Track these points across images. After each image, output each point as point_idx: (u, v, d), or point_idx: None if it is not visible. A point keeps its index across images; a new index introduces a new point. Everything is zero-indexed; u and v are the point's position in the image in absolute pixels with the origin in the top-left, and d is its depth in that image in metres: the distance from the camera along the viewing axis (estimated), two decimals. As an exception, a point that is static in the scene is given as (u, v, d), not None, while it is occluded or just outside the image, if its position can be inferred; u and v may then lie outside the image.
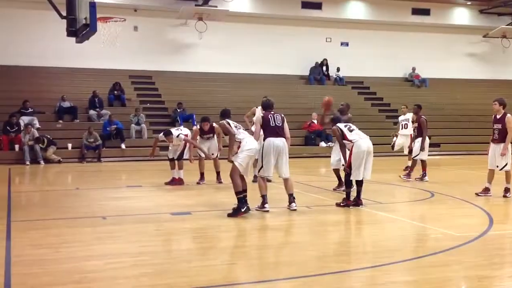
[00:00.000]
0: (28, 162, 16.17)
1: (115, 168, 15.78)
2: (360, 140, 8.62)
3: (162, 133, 11.38)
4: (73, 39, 11.23)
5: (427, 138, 12.10)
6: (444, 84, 25.16)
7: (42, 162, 16.39)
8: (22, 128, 17.00)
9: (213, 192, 10.68)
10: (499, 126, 9.57)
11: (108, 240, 6.69)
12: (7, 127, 16.96)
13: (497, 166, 9.61)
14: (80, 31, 10.75)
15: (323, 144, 19.70)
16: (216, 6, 22.11)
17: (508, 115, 9.55)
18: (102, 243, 6.55)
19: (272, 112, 8.51)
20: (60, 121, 18.45)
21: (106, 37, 18.88)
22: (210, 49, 22.91)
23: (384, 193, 10.71)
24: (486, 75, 26.33)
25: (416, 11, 25.27)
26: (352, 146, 8.57)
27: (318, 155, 18.77)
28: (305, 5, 23.99)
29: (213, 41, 22.73)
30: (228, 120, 8.38)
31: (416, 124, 12.48)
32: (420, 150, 11.97)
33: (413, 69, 25.58)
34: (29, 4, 19.78)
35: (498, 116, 9.64)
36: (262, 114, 8.51)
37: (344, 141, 8.79)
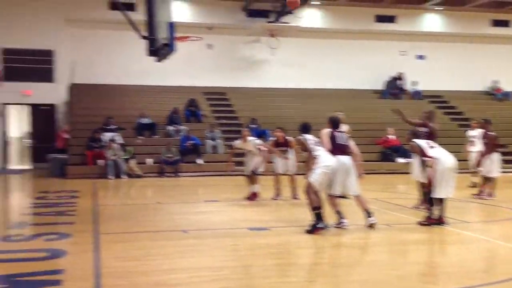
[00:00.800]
0: (111, 177, 16.88)
1: (192, 183, 16.17)
2: (444, 157, 8.40)
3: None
4: (153, 58, 11.71)
5: (494, 154, 11.76)
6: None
7: (124, 176, 17.06)
8: (104, 144, 17.79)
9: (290, 208, 10.72)
10: None
11: (190, 253, 6.86)
12: (91, 143, 17.81)
13: None
14: (159, 50, 11.18)
15: (400, 160, 19.25)
16: (288, 23, 22.28)
17: None
18: (184, 256, 6.73)
19: (339, 130, 8.50)
20: (140, 137, 19.16)
21: (183, 55, 19.53)
22: (282, 64, 23.10)
23: (468, 211, 10.36)
24: None
25: (495, 23, 24.37)
26: (435, 162, 8.34)
27: (395, 171, 18.37)
28: (379, 19, 23.72)
29: (285, 56, 22.90)
30: (307, 135, 8.39)
31: (485, 140, 12.00)
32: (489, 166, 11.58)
33: (495, 82, 24.60)
34: (112, 25, 20.78)
35: None
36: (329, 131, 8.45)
37: (424, 158, 8.59)
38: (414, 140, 8.83)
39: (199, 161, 18.29)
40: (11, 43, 20.39)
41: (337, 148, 8.25)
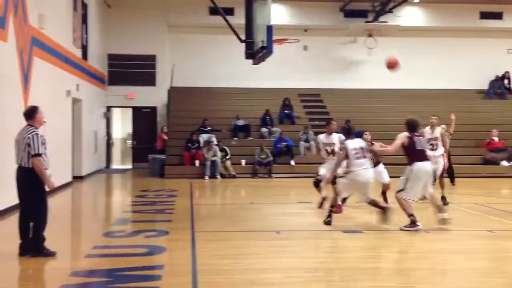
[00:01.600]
0: (207, 177, 17.32)
1: (285, 184, 16.20)
2: None
3: None
4: (249, 61, 11.85)
5: None
6: None
7: (219, 176, 17.44)
8: (201, 145, 18.29)
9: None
10: None
11: (283, 254, 6.86)
12: (189, 144, 18.38)
13: None
14: (257, 53, 11.30)
15: (505, 163, 18.13)
16: (386, 22, 21.74)
17: None
18: (278, 256, 6.74)
19: (417, 134, 8.26)
20: (235, 138, 19.51)
21: (278, 57, 19.67)
22: (380, 65, 22.42)
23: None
24: None
25: None
26: None
27: (499, 175, 17.34)
28: (484, 15, 22.52)
29: (383, 57, 22.19)
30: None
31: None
32: None
33: None
34: (210, 30, 21.39)
35: None
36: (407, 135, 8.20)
37: None
38: None
39: (292, 162, 18.30)
40: (116, 50, 21.55)
41: (418, 154, 8.08)
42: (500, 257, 6.90)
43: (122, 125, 23.78)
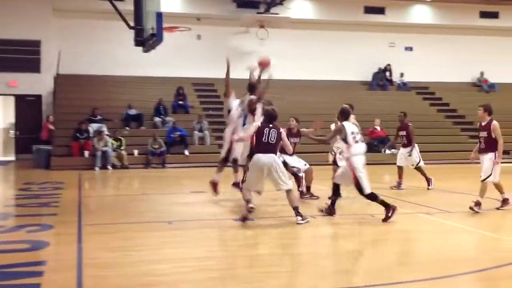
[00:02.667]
0: (97, 168, 16.75)
1: (179, 174, 16.09)
2: None
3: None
4: (140, 48, 11.60)
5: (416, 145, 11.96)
6: (514, 89, 24.14)
7: (110, 167, 16.94)
8: (91, 135, 17.63)
9: (275, 200, 10.64)
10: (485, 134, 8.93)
11: (174, 244, 6.81)
12: (77, 134, 17.65)
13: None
14: (147, 40, 11.08)
15: (386, 151, 19.28)
16: (277, 14, 22.20)
17: (494, 122, 8.89)
18: (169, 247, 6.68)
19: (271, 126, 7.99)
20: (127, 128, 19.02)
21: (171, 46, 19.39)
22: (272, 56, 22.75)
23: (452, 202, 10.39)
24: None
25: (484, 14, 24.44)
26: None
27: (382, 162, 18.41)
28: (368, 10, 23.73)
29: (274, 48, 22.79)
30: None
31: (404, 132, 12.01)
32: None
33: (481, 73, 24.71)
34: (98, 15, 20.58)
35: (483, 124, 9.03)
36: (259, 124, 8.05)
37: None
38: None
39: (186, 152, 18.21)
40: (-3, 34, 20.14)
41: (258, 146, 7.96)
42: (378, 240, 7.33)
43: (3, 114, 22.30)
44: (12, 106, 21.11)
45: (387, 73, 24.30)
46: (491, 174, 8.83)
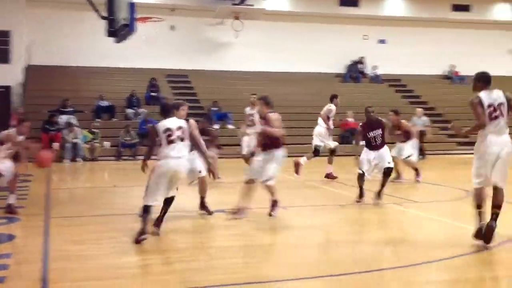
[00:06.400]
0: (67, 160, 16.52)
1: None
2: None
3: None
4: (112, 39, 11.45)
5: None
6: (484, 82, 24.53)
7: (80, 160, 16.74)
8: (61, 127, 17.37)
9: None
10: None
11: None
12: (46, 126, 17.37)
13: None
14: (119, 31, 10.94)
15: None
16: (252, 5, 22.15)
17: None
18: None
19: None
20: (98, 120, 18.79)
21: (145, 36, 19.19)
22: (247, 47, 22.98)
23: (419, 192, 10.55)
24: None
25: (456, 7, 24.76)
26: None
27: (354, 153, 18.55)
28: (342, 3, 23.82)
29: (249, 39, 22.80)
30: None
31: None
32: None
33: (452, 66, 25.05)
34: (70, 5, 20.25)
35: None
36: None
37: None
38: None
39: (159, 144, 18.06)
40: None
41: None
42: (349, 230, 7.40)
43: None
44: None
45: (361, 66, 24.46)
46: None
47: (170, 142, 6.58)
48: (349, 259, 5.79)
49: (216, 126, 19.53)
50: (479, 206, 6.10)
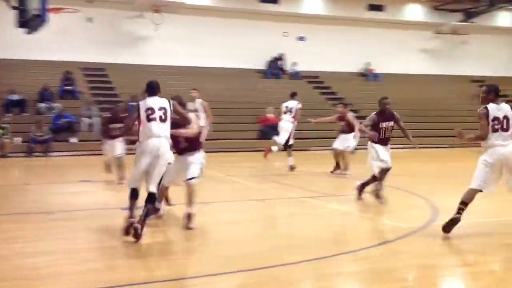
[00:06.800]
0: (-25, 157, 15.63)
1: (64, 162, 15.42)
2: None
3: None
4: (23, 30, 10.99)
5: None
6: (398, 79, 25.60)
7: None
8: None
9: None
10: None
11: (56, 235, 6.57)
12: (-48, 121, 16.34)
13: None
14: (30, 22, 10.51)
15: (277, 138, 19.73)
16: (172, -2, 21.90)
17: None
18: (50, 239, 6.44)
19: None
20: (8, 115, 17.86)
21: (59, 28, 18.45)
22: (167, 42, 22.67)
23: (336, 186, 10.88)
24: (438, 70, 26.91)
25: (371, 7, 25.62)
26: None
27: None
28: (262, -1, 24.03)
29: (170, 33, 22.50)
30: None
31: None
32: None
33: (368, 64, 25.97)
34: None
35: None
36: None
37: None
38: None
39: (73, 140, 17.48)
40: None
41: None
42: (267, 224, 7.51)
43: None
44: None
45: (280, 62, 24.80)
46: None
47: (150, 120, 6.35)
48: (263, 253, 5.87)
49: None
50: (465, 204, 6.41)
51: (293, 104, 13.27)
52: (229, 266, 5.35)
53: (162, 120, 6.40)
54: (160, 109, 6.43)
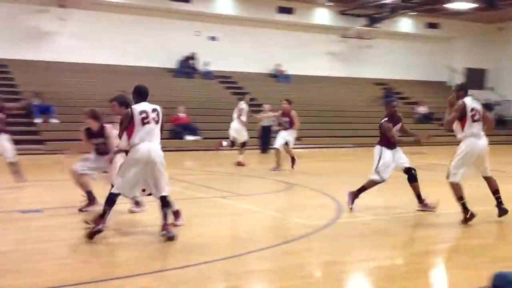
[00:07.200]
0: None
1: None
2: None
3: None
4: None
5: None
6: (306, 80, 26.29)
7: None
8: None
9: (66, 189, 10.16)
10: None
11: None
12: None
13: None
14: None
15: (189, 137, 19.71)
16: (78, -7, 21.19)
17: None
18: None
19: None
20: None
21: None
22: (74, 38, 21.89)
23: (246, 186, 11.01)
24: (344, 73, 27.90)
25: (281, 9, 26.11)
26: None
27: (184, 148, 18.74)
28: (172, -3, 23.79)
29: (77, 30, 21.76)
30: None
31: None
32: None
33: (278, 65, 26.46)
34: None
35: None
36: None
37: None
38: None
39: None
40: None
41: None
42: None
43: None
44: None
45: (192, 61, 24.70)
46: None
47: (145, 124, 6.34)
48: (172, 254, 5.86)
49: (39, 120, 18.40)
50: (461, 197, 7.16)
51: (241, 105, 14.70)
52: (139, 268, 5.28)
53: (156, 122, 6.48)
54: (153, 111, 6.49)
